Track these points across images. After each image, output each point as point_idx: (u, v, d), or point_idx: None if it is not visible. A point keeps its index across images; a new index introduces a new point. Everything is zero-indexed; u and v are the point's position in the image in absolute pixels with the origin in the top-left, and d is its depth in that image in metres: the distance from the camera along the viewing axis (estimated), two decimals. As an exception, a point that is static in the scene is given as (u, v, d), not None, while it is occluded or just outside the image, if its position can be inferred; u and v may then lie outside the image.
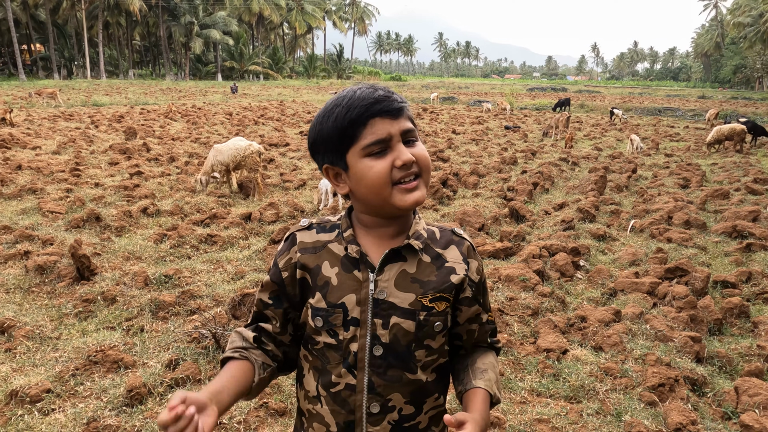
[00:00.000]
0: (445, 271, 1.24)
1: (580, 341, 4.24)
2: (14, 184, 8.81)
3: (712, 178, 11.45)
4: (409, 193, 1.16)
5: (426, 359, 1.23)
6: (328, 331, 1.21)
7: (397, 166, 1.14)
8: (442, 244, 1.27)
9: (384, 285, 1.20)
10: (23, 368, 3.64)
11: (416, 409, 1.24)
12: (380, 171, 1.15)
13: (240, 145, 8.73)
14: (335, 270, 1.22)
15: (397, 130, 1.16)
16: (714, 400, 3.52)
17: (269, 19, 72.47)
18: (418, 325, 1.20)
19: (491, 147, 15.53)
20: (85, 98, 28.55)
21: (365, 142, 1.15)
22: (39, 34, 60.15)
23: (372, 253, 1.22)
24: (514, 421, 3.21)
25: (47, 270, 5.17)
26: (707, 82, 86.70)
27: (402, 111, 1.18)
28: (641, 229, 7.32)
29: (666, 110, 31.67)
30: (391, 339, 1.20)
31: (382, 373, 1.20)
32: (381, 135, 1.14)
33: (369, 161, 1.15)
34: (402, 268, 1.21)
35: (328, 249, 1.24)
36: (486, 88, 62.37)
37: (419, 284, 1.21)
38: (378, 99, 1.15)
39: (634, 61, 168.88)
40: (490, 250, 6.12)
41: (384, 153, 1.15)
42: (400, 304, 1.19)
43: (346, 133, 1.16)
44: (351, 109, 1.15)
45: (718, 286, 5.31)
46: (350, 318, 1.20)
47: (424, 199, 1.20)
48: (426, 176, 1.20)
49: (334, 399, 1.22)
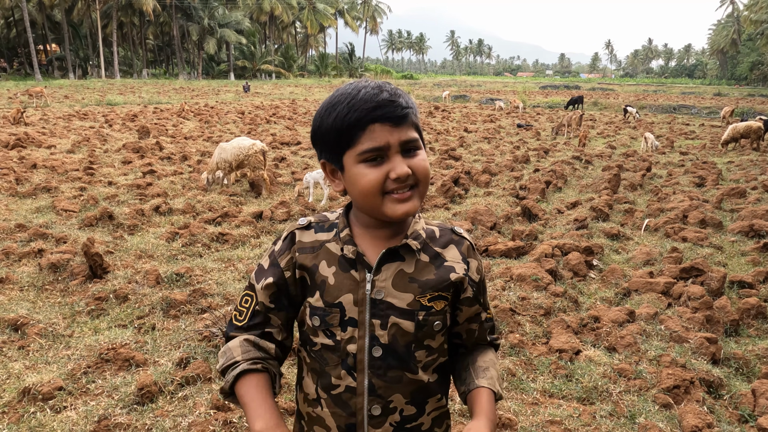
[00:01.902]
0: (443, 271, 1.21)
1: (593, 342, 4.19)
2: (29, 183, 8.91)
3: (728, 176, 11.28)
4: (400, 204, 1.13)
5: (426, 359, 1.22)
6: (324, 331, 1.19)
7: (391, 178, 1.11)
8: (441, 243, 1.25)
9: (381, 285, 1.18)
10: (36, 366, 3.66)
11: (418, 410, 1.22)
12: (372, 180, 1.12)
13: (243, 144, 8.79)
14: (332, 269, 1.20)
15: (396, 139, 1.11)
16: (730, 402, 3.46)
17: (281, 19, 72.68)
18: (417, 325, 1.18)
19: (503, 145, 15.43)
20: (99, 97, 28.82)
21: (362, 148, 1.11)
22: (54, 34, 60.88)
23: (369, 253, 1.20)
24: (525, 422, 3.18)
25: (60, 268, 5.21)
26: (723, 79, 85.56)
27: (405, 118, 1.12)
28: (656, 228, 7.22)
29: (681, 108, 31.29)
30: (390, 340, 1.18)
31: (382, 374, 1.18)
32: (378, 143, 1.10)
33: (364, 168, 1.12)
34: (400, 268, 1.19)
35: (325, 248, 1.22)
36: (498, 86, 62.07)
37: (417, 284, 1.19)
38: (380, 103, 1.10)
39: (648, 59, 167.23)
40: (502, 249, 6.07)
41: (380, 161, 1.12)
42: (398, 304, 1.17)
43: (343, 135, 1.12)
44: (351, 111, 1.10)
45: (734, 287, 5.22)
46: (348, 318, 1.18)
47: (416, 211, 1.17)
48: (423, 188, 1.16)
49: (335, 401, 1.20)
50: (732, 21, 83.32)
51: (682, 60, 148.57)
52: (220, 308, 4.46)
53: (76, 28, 60.80)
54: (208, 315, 4.29)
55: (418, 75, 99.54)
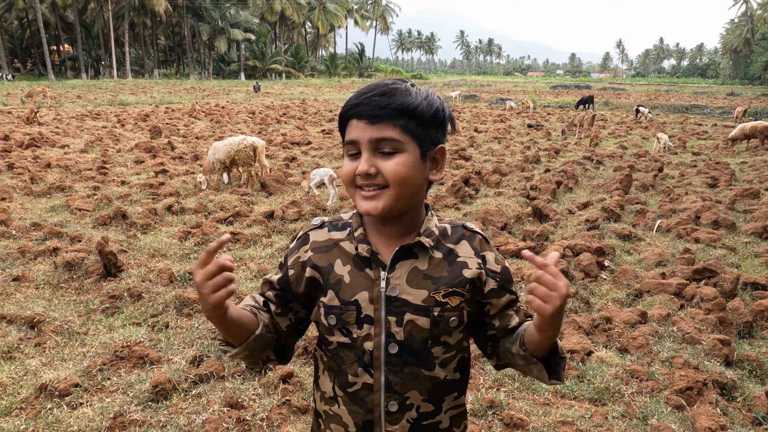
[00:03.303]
0: (457, 267, 1.22)
1: (604, 343, 4.18)
2: (44, 182, 9.02)
3: (741, 176, 11.18)
4: (364, 201, 1.16)
5: (444, 356, 1.22)
6: (341, 329, 1.21)
7: (357, 173, 1.15)
8: (453, 239, 1.25)
9: (396, 282, 1.19)
10: (52, 363, 3.71)
11: (435, 408, 1.23)
12: (345, 172, 1.19)
13: (233, 141, 8.89)
14: (347, 268, 1.22)
15: (366, 136, 1.13)
16: (744, 405, 3.44)
17: (292, 19, 72.90)
18: (432, 322, 1.19)
19: (514, 145, 15.39)
20: (111, 97, 29.06)
21: (345, 140, 1.18)
22: (67, 35, 61.45)
23: (383, 251, 1.21)
24: (537, 422, 3.18)
25: (75, 266, 5.27)
26: (736, 79, 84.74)
27: (380, 117, 1.12)
28: (668, 229, 7.18)
29: (693, 108, 31.02)
30: (406, 336, 1.19)
31: (399, 370, 1.20)
32: (351, 137, 1.16)
33: (346, 159, 1.19)
34: (413, 266, 1.20)
35: (339, 247, 1.24)
36: (508, 86, 61.87)
37: (431, 281, 1.20)
38: (362, 100, 1.14)
39: (660, 58, 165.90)
40: (513, 249, 6.07)
41: (357, 156, 1.16)
42: (413, 300, 1.19)
43: (340, 126, 1.21)
44: (346, 104, 1.18)
45: (747, 288, 5.18)
46: (363, 315, 1.19)
47: (382, 212, 1.15)
48: (394, 190, 1.14)
49: (352, 399, 1.21)
50: (745, 20, 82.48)
51: (694, 59, 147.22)
52: (232, 307, 4.49)
53: (88, 28, 61.37)
54: (220, 313, 4.32)
55: (427, 75, 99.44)
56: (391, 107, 1.12)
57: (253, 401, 3.31)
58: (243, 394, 3.36)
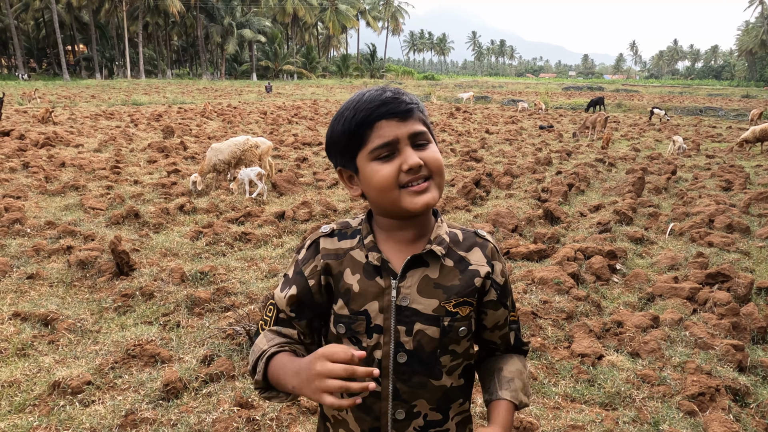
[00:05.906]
0: (468, 275, 1.21)
1: (616, 347, 4.15)
2: (58, 181, 9.12)
3: (756, 180, 11.04)
4: (418, 196, 1.14)
5: (451, 364, 1.22)
6: (350, 338, 1.20)
7: (404, 170, 1.13)
8: (465, 246, 1.24)
9: (407, 292, 1.18)
10: (65, 360, 3.75)
11: (443, 416, 1.23)
12: (386, 175, 1.13)
13: (238, 141, 8.90)
14: (357, 277, 1.20)
15: (404, 132, 1.14)
16: (757, 411, 3.40)
17: (304, 20, 73.16)
18: (442, 331, 1.19)
19: (525, 147, 15.32)
20: (125, 97, 29.32)
21: (372, 146, 1.13)
22: (82, 35, 62.12)
23: (394, 260, 1.20)
24: (547, 426, 3.16)
25: (88, 265, 5.33)
26: (752, 81, 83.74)
27: (410, 113, 1.15)
28: (681, 232, 7.11)
29: (707, 110, 30.72)
30: (416, 346, 1.18)
31: (407, 379, 1.19)
32: (387, 138, 1.13)
33: (376, 165, 1.14)
34: (424, 274, 1.19)
35: (349, 256, 1.22)
36: (520, 87, 61.64)
37: (442, 290, 1.19)
38: (385, 101, 1.13)
39: (674, 60, 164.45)
40: (524, 251, 6.04)
41: (392, 156, 1.14)
42: (423, 310, 1.18)
43: (354, 136, 1.15)
44: (358, 112, 1.14)
45: (762, 293, 5.12)
46: (373, 325, 1.18)
47: (436, 202, 1.17)
48: (438, 179, 1.17)
49: (359, 406, 1.20)
50: (761, 21, 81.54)
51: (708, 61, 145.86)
52: (243, 307, 4.52)
53: (103, 29, 62.02)
54: (231, 313, 4.35)
55: (439, 76, 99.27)
56: (413, 102, 1.16)
57: (262, 401, 3.33)
58: (253, 394, 3.37)
